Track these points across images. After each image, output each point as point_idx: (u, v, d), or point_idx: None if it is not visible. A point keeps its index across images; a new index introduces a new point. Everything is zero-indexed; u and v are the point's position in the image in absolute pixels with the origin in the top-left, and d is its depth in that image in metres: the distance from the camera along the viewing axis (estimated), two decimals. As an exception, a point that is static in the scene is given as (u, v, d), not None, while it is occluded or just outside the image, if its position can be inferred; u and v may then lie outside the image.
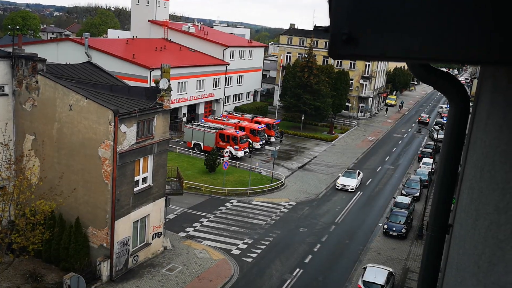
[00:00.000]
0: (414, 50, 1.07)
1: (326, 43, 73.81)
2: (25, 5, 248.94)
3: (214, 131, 49.59)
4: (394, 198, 40.54)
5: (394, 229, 34.04)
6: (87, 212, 25.30)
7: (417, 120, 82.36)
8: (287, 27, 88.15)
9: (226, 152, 42.57)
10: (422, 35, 1.06)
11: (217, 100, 65.51)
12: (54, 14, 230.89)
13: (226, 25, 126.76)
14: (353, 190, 42.87)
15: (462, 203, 2.35)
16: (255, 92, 77.48)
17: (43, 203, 21.98)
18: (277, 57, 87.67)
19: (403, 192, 42.27)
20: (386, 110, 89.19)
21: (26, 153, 25.16)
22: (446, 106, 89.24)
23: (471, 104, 2.44)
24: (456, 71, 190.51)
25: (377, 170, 50.74)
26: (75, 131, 24.88)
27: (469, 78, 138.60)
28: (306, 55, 66.16)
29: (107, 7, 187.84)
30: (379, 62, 79.86)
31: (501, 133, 1.65)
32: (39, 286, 24.08)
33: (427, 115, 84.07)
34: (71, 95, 24.62)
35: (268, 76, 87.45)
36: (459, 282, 2.06)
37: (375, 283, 25.66)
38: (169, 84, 27.14)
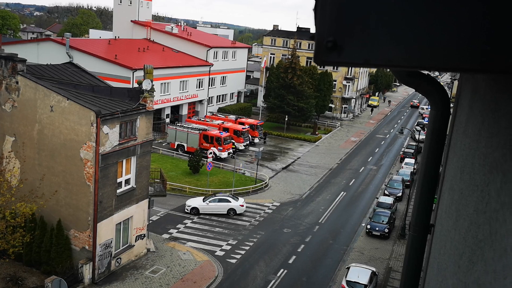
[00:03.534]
0: (398, 59, 1.09)
1: (309, 44, 74.31)
2: (5, 4, 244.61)
3: (197, 132, 49.38)
4: (377, 198, 40.89)
5: (377, 229, 34.36)
6: (69, 214, 24.97)
7: (409, 104, 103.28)
8: (270, 28, 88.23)
9: (210, 153, 42.42)
10: (406, 43, 1.08)
11: (200, 101, 65.27)
12: (35, 14, 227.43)
13: (210, 26, 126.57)
14: (187, 211, 35.22)
15: (443, 204, 2.40)
16: (239, 93, 77.42)
17: (24, 205, 21.66)
18: (261, 58, 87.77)
19: (386, 192, 42.68)
20: (372, 110, 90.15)
21: (6, 155, 24.75)
22: (427, 107, 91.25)
23: (451, 105, 2.49)
24: (437, 72, 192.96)
25: (360, 171, 51.13)
26: (57, 133, 24.53)
27: (450, 79, 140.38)
28: (290, 56, 66.37)
29: (89, 7, 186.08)
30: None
31: (480, 137, 1.69)
32: (20, 290, 23.70)
33: (417, 100, 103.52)
34: (52, 96, 24.28)
35: (251, 77, 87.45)
36: (440, 281, 2.10)
37: (358, 283, 25.87)
38: (152, 85, 26.97)
